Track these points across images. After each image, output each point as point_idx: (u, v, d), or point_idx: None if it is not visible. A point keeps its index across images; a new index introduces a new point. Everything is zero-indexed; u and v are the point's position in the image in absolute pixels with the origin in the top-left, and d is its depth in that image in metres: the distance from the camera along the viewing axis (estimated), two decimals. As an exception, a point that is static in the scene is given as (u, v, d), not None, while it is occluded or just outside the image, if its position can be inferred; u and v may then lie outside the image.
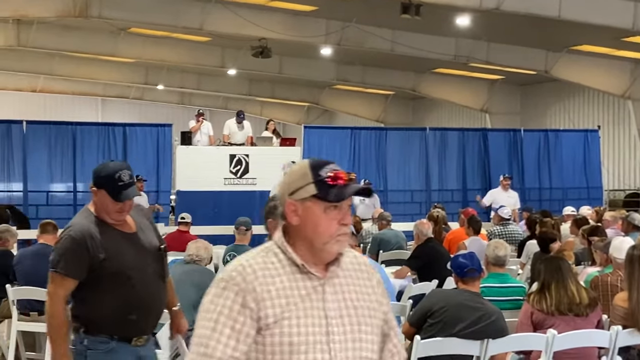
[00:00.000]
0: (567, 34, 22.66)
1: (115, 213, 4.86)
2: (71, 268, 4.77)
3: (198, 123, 20.08)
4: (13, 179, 18.52)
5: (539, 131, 23.00)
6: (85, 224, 4.84)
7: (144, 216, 5.20)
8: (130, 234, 4.95)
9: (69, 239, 4.78)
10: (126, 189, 4.83)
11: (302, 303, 2.99)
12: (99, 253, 4.76)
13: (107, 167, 4.89)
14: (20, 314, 9.16)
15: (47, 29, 27.00)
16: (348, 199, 3.06)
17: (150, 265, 4.98)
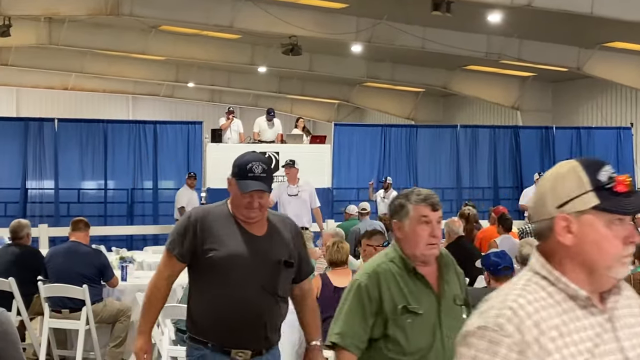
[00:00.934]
0: (599, 30, 22.46)
1: (244, 209, 4.58)
2: (175, 245, 4.63)
3: (228, 121, 20.14)
4: (45, 177, 18.65)
5: (571, 129, 22.87)
6: (208, 209, 4.76)
7: (289, 230, 4.78)
8: (254, 236, 4.61)
9: (184, 217, 4.71)
10: (255, 181, 4.55)
11: (596, 348, 2.31)
12: (207, 240, 4.53)
13: (244, 156, 4.69)
14: (52, 311, 9.22)
15: (79, 27, 27.14)
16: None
17: (262, 275, 4.59)
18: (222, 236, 4.54)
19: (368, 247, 8.83)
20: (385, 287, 4.08)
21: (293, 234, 4.76)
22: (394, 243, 4.23)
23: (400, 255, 4.16)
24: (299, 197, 14.57)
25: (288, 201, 14.48)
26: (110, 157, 18.96)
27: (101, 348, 9.30)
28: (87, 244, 9.65)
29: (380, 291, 4.08)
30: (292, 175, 14.77)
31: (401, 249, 4.19)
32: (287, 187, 14.64)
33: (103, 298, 9.36)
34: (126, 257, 10.35)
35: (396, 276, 4.12)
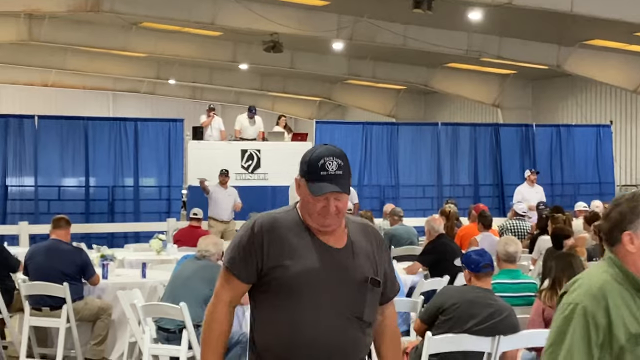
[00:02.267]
0: (579, 28, 22.58)
1: (317, 215, 3.70)
2: (236, 263, 3.77)
3: (209, 118, 20.13)
4: (25, 174, 18.54)
5: (551, 126, 22.94)
6: (275, 216, 3.80)
7: (372, 239, 3.90)
8: (332, 249, 3.74)
9: (246, 227, 3.79)
10: (329, 181, 3.66)
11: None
12: (276, 255, 3.69)
13: (314, 151, 3.77)
14: (32, 309, 9.19)
15: (59, 24, 27.04)
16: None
17: (344, 297, 3.72)
18: (294, 250, 3.70)
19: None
20: (615, 311, 3.18)
21: (377, 244, 3.93)
22: (610, 257, 3.31)
23: (626, 273, 3.25)
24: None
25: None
26: (91, 154, 18.87)
27: (82, 346, 9.29)
28: (68, 242, 9.63)
29: (609, 317, 3.17)
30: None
31: (624, 264, 3.26)
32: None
33: (84, 296, 9.35)
34: (107, 255, 10.33)
35: (625, 298, 3.23)
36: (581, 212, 15.08)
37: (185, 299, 7.67)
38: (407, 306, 8.28)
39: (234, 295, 3.85)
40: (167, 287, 8.26)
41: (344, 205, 3.72)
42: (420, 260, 10.61)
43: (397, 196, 20.12)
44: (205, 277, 7.96)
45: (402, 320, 8.31)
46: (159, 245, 12.49)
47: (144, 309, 7.90)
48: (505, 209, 20.00)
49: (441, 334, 6.35)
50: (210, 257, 8.25)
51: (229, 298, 3.85)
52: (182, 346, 7.68)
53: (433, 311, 6.57)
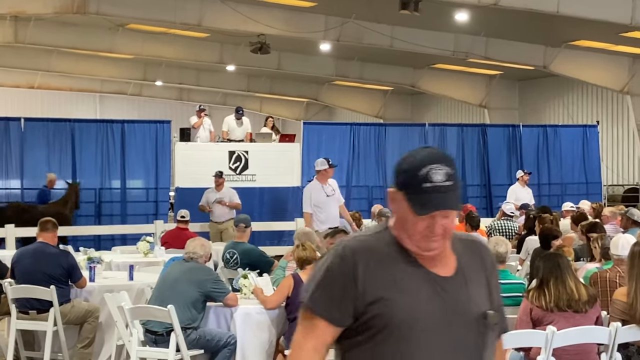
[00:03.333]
0: (566, 29, 22.64)
1: (419, 238, 2.94)
2: (323, 303, 2.95)
3: (200, 119, 20.10)
4: (11, 176, 18.49)
5: (538, 126, 23.02)
6: (367, 240, 3.03)
7: (482, 260, 3.14)
8: (440, 278, 2.98)
9: (333, 257, 3.00)
10: (436, 195, 2.89)
11: None
12: (373, 290, 2.92)
13: (415, 156, 2.97)
14: (19, 312, 9.15)
15: (45, 25, 26.96)
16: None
17: (461, 339, 2.96)
18: (395, 282, 2.95)
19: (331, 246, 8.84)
20: None
21: (490, 266, 3.16)
22: None
23: None
24: (334, 197, 13.49)
25: (327, 202, 13.35)
26: (77, 157, 18.84)
27: (69, 349, 9.25)
28: (54, 245, 9.59)
29: None
30: (329, 175, 13.65)
31: None
32: (323, 187, 13.45)
33: (71, 299, 9.31)
34: (94, 258, 10.28)
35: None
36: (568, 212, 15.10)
37: (173, 301, 7.66)
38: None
39: (320, 343, 2.98)
40: (155, 290, 8.24)
41: (452, 224, 2.96)
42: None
43: (385, 197, 20.11)
44: (193, 280, 7.95)
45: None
46: (147, 248, 12.46)
47: (132, 312, 7.88)
48: (493, 209, 20.05)
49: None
50: (198, 259, 8.24)
51: (313, 344, 2.98)
52: (170, 349, 7.66)
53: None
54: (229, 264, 10.61)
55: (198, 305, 7.91)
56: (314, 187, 13.46)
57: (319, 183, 13.49)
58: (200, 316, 7.94)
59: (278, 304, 8.03)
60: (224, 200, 17.39)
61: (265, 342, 8.01)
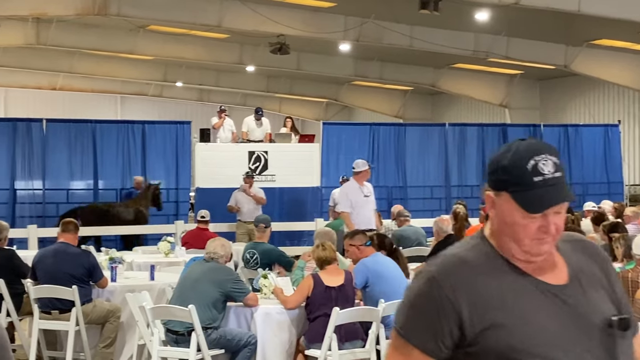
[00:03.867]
0: (587, 28, 22.54)
1: (531, 241, 2.54)
2: (417, 332, 2.53)
3: (221, 119, 20.13)
4: (33, 177, 18.59)
5: (559, 126, 22.91)
6: (462, 256, 2.58)
7: (595, 259, 2.72)
8: (555, 288, 2.56)
9: (425, 279, 2.56)
10: (547, 190, 2.53)
11: None
12: (481, 315, 2.49)
13: (511, 151, 2.63)
14: (41, 312, 9.21)
15: (67, 27, 27.10)
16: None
17: (590, 355, 2.51)
18: (505, 301, 2.50)
19: (351, 247, 8.85)
20: None
21: (605, 264, 2.74)
22: None
23: None
24: (370, 199, 13.35)
25: (363, 203, 13.20)
26: (99, 157, 18.92)
27: (91, 349, 9.29)
28: (75, 245, 9.64)
29: None
30: (368, 176, 13.55)
31: None
32: (360, 188, 13.30)
33: (92, 299, 9.35)
34: (115, 258, 10.33)
35: None
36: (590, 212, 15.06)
37: (194, 301, 7.68)
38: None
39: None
40: (176, 290, 8.27)
41: (563, 222, 2.59)
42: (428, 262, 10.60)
43: (404, 197, 20.11)
44: (214, 280, 7.97)
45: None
46: (167, 248, 12.51)
47: (153, 312, 7.91)
48: (513, 209, 19.94)
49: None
50: (219, 259, 8.26)
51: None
52: (190, 349, 7.68)
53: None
54: (249, 264, 10.64)
55: (218, 305, 7.93)
56: (351, 187, 13.35)
57: (357, 183, 13.35)
58: (221, 316, 7.96)
59: (298, 303, 8.04)
60: (251, 192, 17.50)
61: (285, 342, 8.03)
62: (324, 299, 7.89)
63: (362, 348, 7.95)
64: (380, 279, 8.41)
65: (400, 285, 8.57)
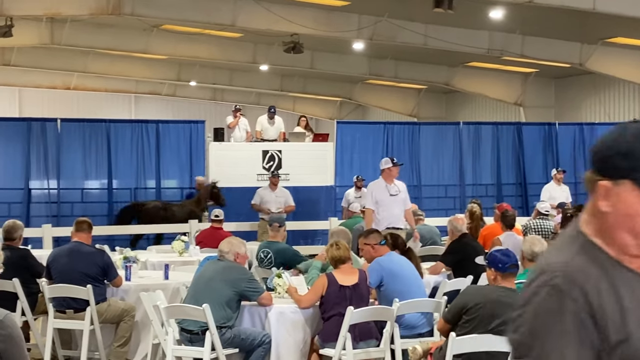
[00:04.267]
0: (602, 26, 22.44)
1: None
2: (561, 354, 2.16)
3: (236, 119, 20.14)
4: (48, 177, 18.64)
5: (574, 125, 22.82)
6: (579, 264, 2.25)
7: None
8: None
9: (551, 297, 2.20)
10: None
11: None
12: (617, 329, 2.19)
13: (626, 135, 2.37)
14: (56, 312, 9.22)
15: (80, 27, 27.15)
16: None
17: None
18: (630, 310, 2.21)
19: (365, 245, 8.84)
20: None
21: None
22: None
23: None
24: (398, 197, 13.19)
25: (389, 202, 13.07)
26: (113, 157, 18.96)
27: (105, 348, 9.30)
28: (89, 245, 9.65)
29: None
30: (394, 174, 13.35)
31: None
32: (387, 187, 13.18)
33: (107, 298, 9.36)
34: (130, 257, 10.34)
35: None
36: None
37: (208, 300, 7.67)
38: (431, 306, 8.26)
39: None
40: (190, 289, 8.26)
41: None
42: (443, 260, 10.57)
43: (419, 196, 20.06)
44: (227, 279, 7.95)
45: (425, 320, 8.29)
46: (182, 247, 12.52)
47: (167, 311, 7.91)
48: (529, 208, 19.91)
49: (465, 334, 6.32)
50: (226, 256, 8.21)
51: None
52: (205, 348, 7.67)
53: (457, 311, 6.53)
54: (263, 263, 10.62)
55: (232, 305, 7.91)
56: (377, 185, 13.27)
57: (384, 182, 13.22)
58: (235, 315, 7.94)
59: (312, 303, 8.02)
60: (280, 207, 17.43)
61: (299, 341, 8.01)
62: (338, 298, 7.87)
63: (376, 347, 7.93)
64: (395, 278, 8.39)
65: (416, 285, 8.55)
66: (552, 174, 18.72)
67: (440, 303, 8.09)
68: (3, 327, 3.55)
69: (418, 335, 8.17)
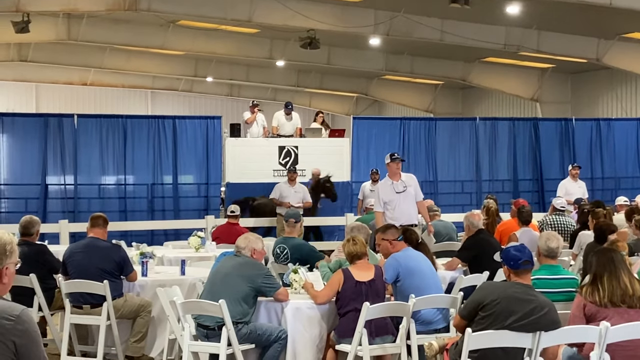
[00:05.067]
0: (619, 21, 22.34)
1: None
2: None
3: (253, 114, 20.18)
4: (65, 173, 18.69)
5: (591, 120, 22.72)
6: None
7: None
8: None
9: None
10: None
11: None
12: None
13: None
14: (72, 307, 9.25)
15: (97, 23, 27.25)
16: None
17: None
18: None
19: (383, 241, 8.83)
20: None
21: None
22: None
23: None
24: (406, 193, 12.97)
25: (397, 200, 12.90)
26: (129, 153, 18.99)
27: (122, 343, 9.33)
28: (105, 240, 9.67)
29: None
30: (394, 169, 13.11)
31: None
32: (392, 185, 13.00)
33: (123, 293, 9.39)
34: (146, 253, 10.36)
35: None
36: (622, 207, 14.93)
37: (224, 296, 7.68)
38: (447, 302, 8.25)
39: None
40: (207, 284, 8.27)
41: None
42: (459, 256, 10.55)
43: (435, 192, 20.03)
44: (244, 275, 7.96)
45: (441, 316, 8.29)
46: (198, 243, 12.54)
47: (183, 306, 7.93)
48: (545, 203, 19.85)
49: (481, 330, 6.31)
50: (243, 251, 8.22)
51: None
52: (221, 343, 7.69)
53: (473, 307, 6.52)
54: (279, 258, 10.63)
55: (249, 300, 7.92)
56: (383, 185, 13.17)
57: (389, 180, 13.10)
58: (252, 311, 7.95)
59: (328, 298, 8.02)
60: (299, 202, 17.46)
61: (316, 337, 8.02)
62: (354, 293, 7.87)
63: (392, 343, 7.93)
64: (411, 274, 8.38)
65: (432, 280, 8.54)
66: (568, 170, 18.67)
67: (457, 299, 8.08)
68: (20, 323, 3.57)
69: (434, 331, 8.16)
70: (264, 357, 7.94)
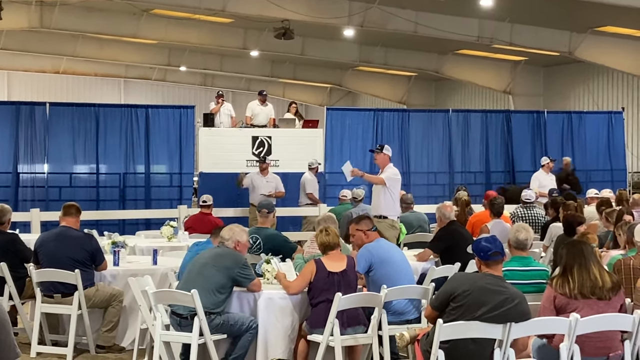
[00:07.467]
0: (591, 15, 22.48)
1: None
2: None
3: (218, 105, 20.14)
4: (36, 161, 18.59)
5: (563, 113, 22.86)
6: None
7: None
8: None
9: None
10: None
11: None
12: None
13: None
14: (43, 296, 9.22)
15: (70, 11, 27.06)
16: None
17: None
18: None
19: (357, 231, 8.85)
20: None
21: None
22: None
23: None
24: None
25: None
26: (102, 141, 18.91)
27: (93, 332, 9.30)
28: (77, 229, 9.63)
29: None
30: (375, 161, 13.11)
31: None
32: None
33: (95, 283, 9.36)
34: (118, 242, 10.33)
35: None
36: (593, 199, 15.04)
37: (199, 285, 7.68)
38: (418, 293, 8.28)
39: None
40: (185, 274, 8.25)
41: None
42: (431, 247, 10.59)
43: (408, 183, 20.07)
44: (220, 265, 7.94)
45: (413, 307, 8.32)
46: (170, 232, 12.52)
47: (155, 296, 7.91)
48: (517, 196, 19.95)
49: (452, 321, 6.34)
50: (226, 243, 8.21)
51: None
52: (193, 333, 7.68)
53: (444, 298, 6.55)
54: (251, 249, 10.62)
55: (224, 291, 7.91)
56: None
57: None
58: (226, 301, 7.95)
59: (301, 289, 8.04)
60: (271, 191, 17.37)
61: (288, 327, 8.03)
62: (327, 284, 7.89)
63: (364, 334, 7.95)
64: (384, 264, 8.40)
65: (404, 271, 8.57)
66: (542, 162, 18.77)
67: (428, 290, 8.11)
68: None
69: (406, 322, 8.19)
70: (235, 346, 7.95)
